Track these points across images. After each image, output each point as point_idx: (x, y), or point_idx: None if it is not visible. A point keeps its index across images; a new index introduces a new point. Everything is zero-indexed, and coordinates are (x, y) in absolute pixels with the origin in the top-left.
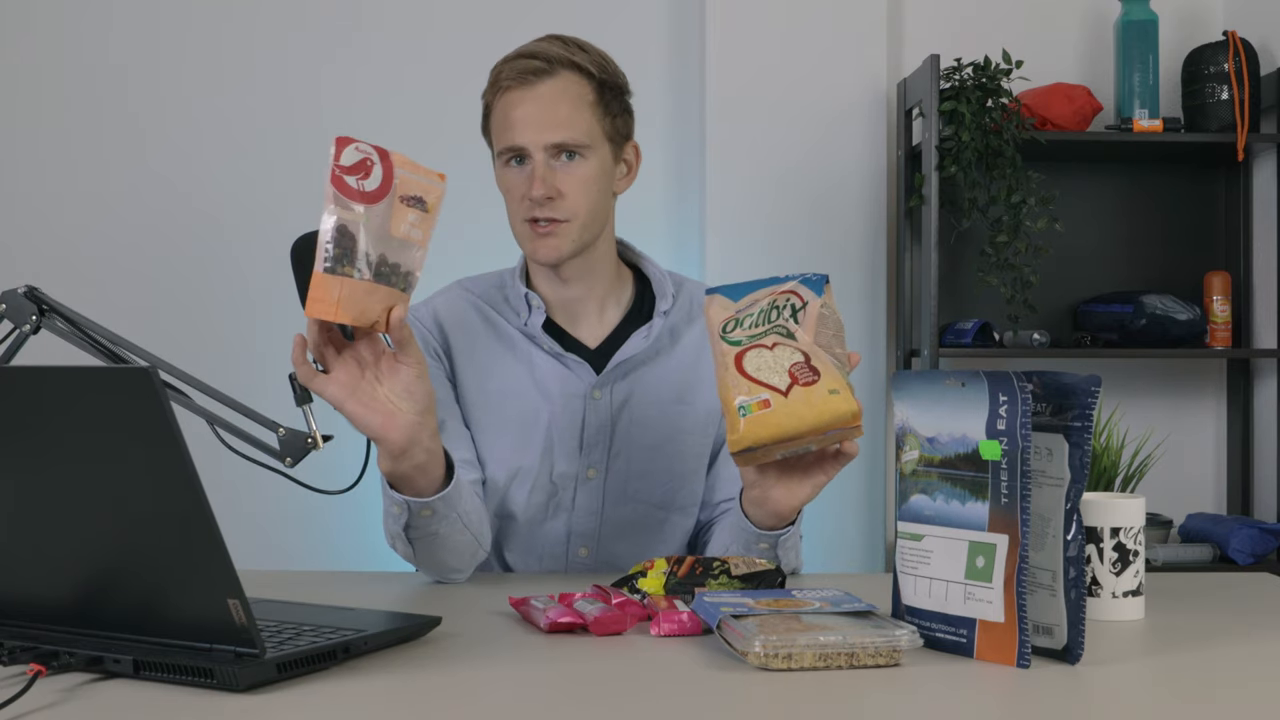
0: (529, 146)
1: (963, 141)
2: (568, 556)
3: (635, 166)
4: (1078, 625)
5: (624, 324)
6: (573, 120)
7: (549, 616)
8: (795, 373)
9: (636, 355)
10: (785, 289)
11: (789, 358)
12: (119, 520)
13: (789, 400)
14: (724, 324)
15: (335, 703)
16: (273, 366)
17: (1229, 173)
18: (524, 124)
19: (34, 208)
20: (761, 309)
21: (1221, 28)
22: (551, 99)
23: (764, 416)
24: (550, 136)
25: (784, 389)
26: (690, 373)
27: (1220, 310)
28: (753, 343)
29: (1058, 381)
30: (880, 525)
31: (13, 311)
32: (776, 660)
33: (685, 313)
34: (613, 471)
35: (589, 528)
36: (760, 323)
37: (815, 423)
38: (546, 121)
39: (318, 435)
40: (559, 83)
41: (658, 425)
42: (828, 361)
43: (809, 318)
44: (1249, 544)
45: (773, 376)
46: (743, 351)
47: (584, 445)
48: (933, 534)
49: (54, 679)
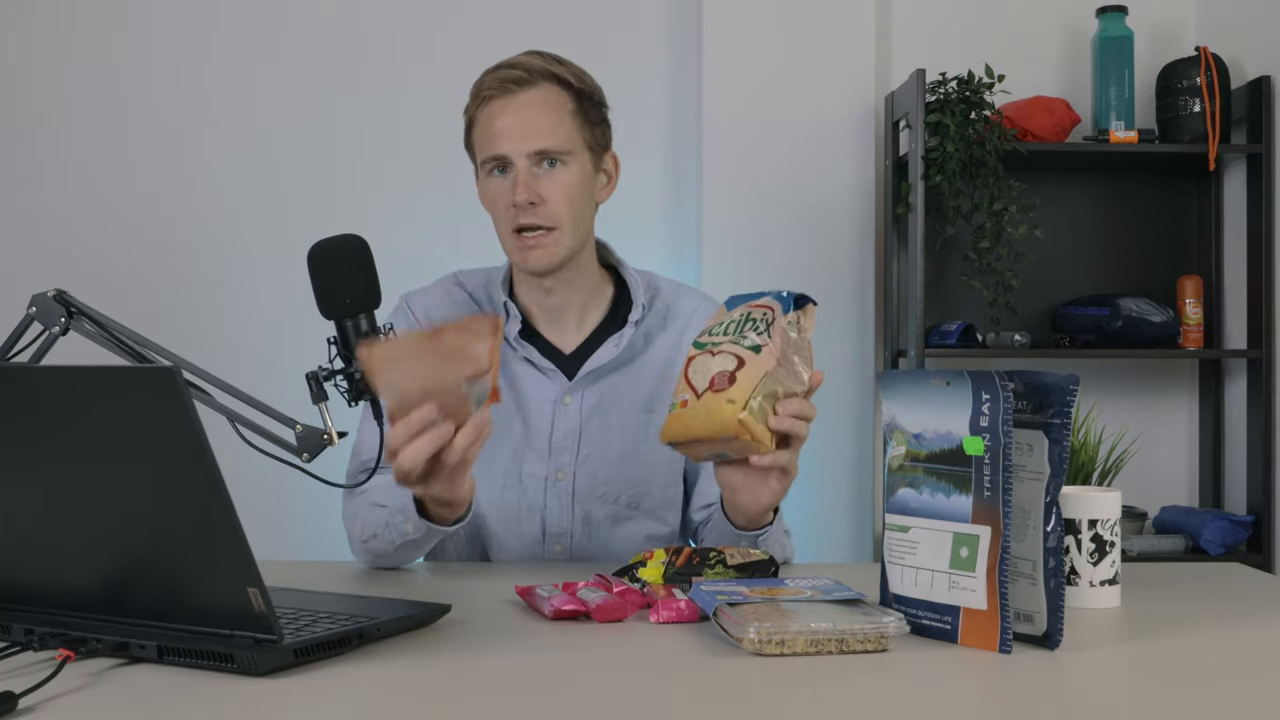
0: (511, 155)
1: (947, 152)
2: (544, 553)
3: (615, 176)
4: (1057, 613)
5: (600, 330)
6: (554, 128)
7: (553, 604)
8: (715, 380)
9: (608, 363)
10: (761, 303)
11: (719, 366)
12: (144, 512)
13: (699, 404)
14: (706, 329)
15: (350, 686)
16: (290, 365)
17: (1201, 182)
18: (506, 133)
19: (63, 216)
20: (735, 320)
21: (1194, 43)
22: (532, 108)
23: (679, 415)
24: (532, 144)
25: (699, 393)
26: (661, 379)
27: (1193, 313)
28: (705, 349)
29: (1038, 380)
30: (869, 517)
31: (42, 314)
32: (770, 646)
33: (660, 319)
34: (581, 475)
35: (562, 527)
36: (728, 332)
37: (707, 428)
38: (528, 129)
39: (333, 431)
40: (539, 92)
41: (626, 431)
42: (757, 375)
43: (778, 332)
44: (1220, 535)
45: (699, 380)
46: (695, 355)
47: (552, 449)
48: (919, 526)
49: (82, 664)
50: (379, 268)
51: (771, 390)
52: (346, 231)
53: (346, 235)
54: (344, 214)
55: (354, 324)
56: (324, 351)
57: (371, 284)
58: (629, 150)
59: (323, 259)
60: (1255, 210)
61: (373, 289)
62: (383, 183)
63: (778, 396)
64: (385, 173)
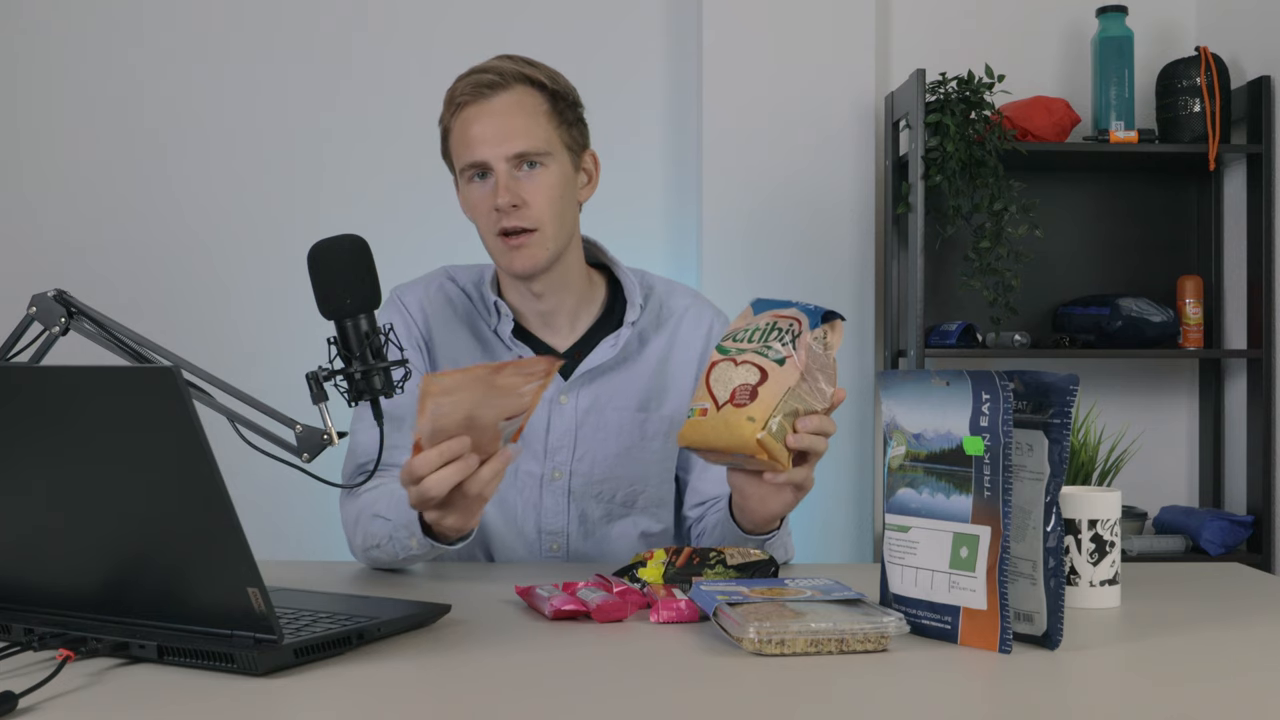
0: (490, 159)
1: (947, 152)
2: (541, 552)
3: (596, 175)
4: (1057, 613)
5: (594, 330)
6: (530, 130)
7: (553, 604)
8: (736, 392)
9: (604, 363)
10: (789, 313)
11: (742, 377)
12: (144, 512)
13: (718, 416)
14: (731, 333)
15: (350, 686)
16: (290, 365)
17: (1201, 182)
18: (483, 139)
19: (63, 216)
20: (760, 328)
21: (1194, 43)
22: (507, 111)
23: (698, 423)
24: (510, 147)
25: (719, 404)
26: (656, 379)
27: (1193, 313)
28: (729, 356)
29: (1038, 380)
30: (869, 517)
31: (43, 314)
32: (770, 646)
33: (654, 318)
34: (577, 474)
35: (558, 525)
36: (753, 339)
37: (725, 442)
38: (505, 133)
39: (333, 432)
40: (513, 95)
41: (622, 431)
42: (779, 392)
43: (803, 345)
44: (1220, 535)
45: (720, 390)
46: (718, 361)
47: (548, 449)
48: (919, 526)
49: (82, 663)
50: (379, 268)
51: (793, 409)
52: (347, 231)
53: (347, 235)
54: (344, 213)
55: (354, 324)
56: (324, 351)
57: (371, 284)
58: (629, 150)
59: (323, 259)
60: (1255, 210)
61: (373, 289)
62: (383, 182)
63: (798, 414)
64: (385, 172)
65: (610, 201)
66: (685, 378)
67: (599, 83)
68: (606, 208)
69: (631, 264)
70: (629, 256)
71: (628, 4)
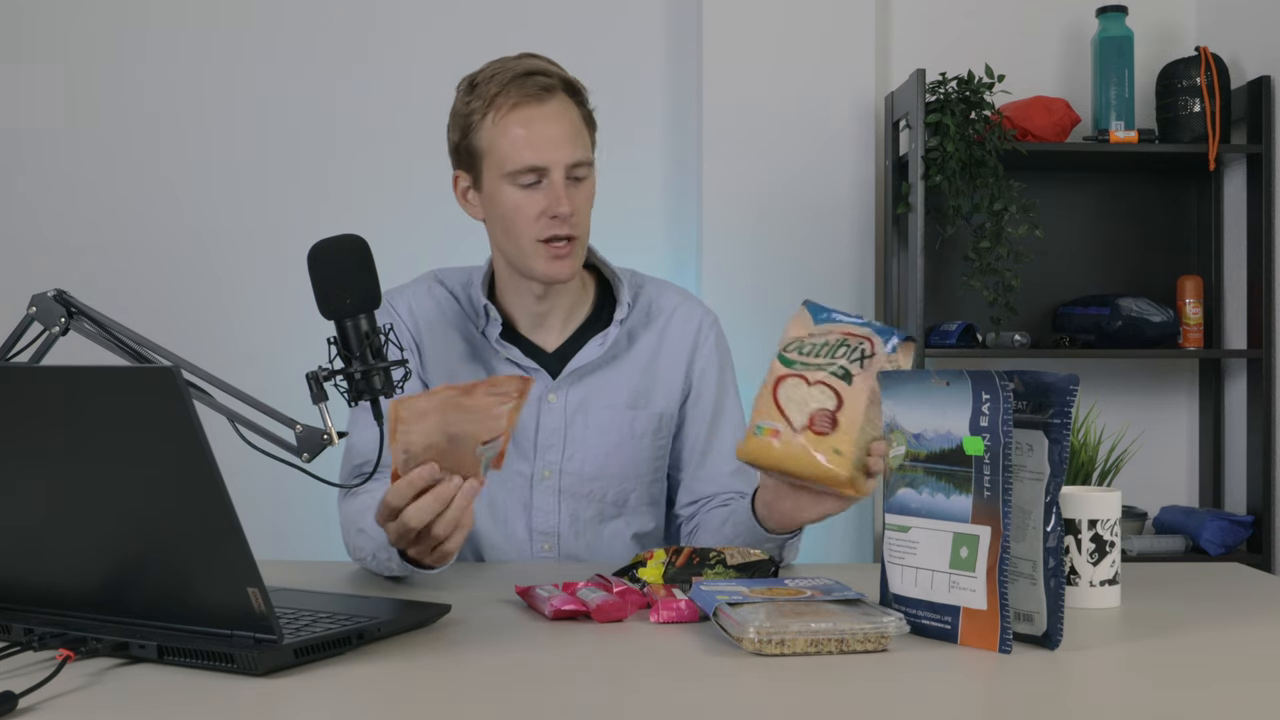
0: (551, 165)
1: (947, 152)
2: (532, 553)
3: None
4: (1057, 613)
5: (583, 329)
6: (579, 138)
7: (553, 604)
8: (815, 417)
9: (592, 361)
10: (860, 332)
11: (819, 400)
12: (144, 512)
13: (797, 442)
14: (791, 342)
15: (350, 686)
16: (290, 365)
17: (1201, 182)
18: (545, 142)
19: (63, 216)
20: (829, 342)
21: (1194, 44)
22: (561, 116)
23: (769, 443)
24: (571, 154)
25: (797, 428)
26: (645, 377)
27: (1193, 313)
28: (798, 371)
29: (1038, 380)
30: (869, 517)
31: (43, 314)
32: (770, 646)
33: (644, 316)
34: (567, 472)
35: (549, 525)
36: (820, 354)
37: (810, 472)
38: (564, 139)
39: (333, 431)
40: (563, 100)
41: (611, 429)
42: (857, 419)
43: (873, 366)
44: (1220, 535)
45: (794, 411)
46: (786, 375)
47: (538, 448)
48: (919, 526)
49: (82, 663)
50: (379, 268)
51: (870, 438)
52: (347, 231)
53: (347, 235)
54: (344, 213)
55: (354, 324)
56: (324, 351)
57: (372, 284)
58: (630, 150)
59: (323, 259)
60: (1255, 210)
61: (373, 289)
62: (383, 182)
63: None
64: (385, 172)
65: (610, 201)
66: (674, 375)
67: (599, 83)
68: (606, 208)
69: (632, 264)
70: (629, 257)
71: (628, 4)
